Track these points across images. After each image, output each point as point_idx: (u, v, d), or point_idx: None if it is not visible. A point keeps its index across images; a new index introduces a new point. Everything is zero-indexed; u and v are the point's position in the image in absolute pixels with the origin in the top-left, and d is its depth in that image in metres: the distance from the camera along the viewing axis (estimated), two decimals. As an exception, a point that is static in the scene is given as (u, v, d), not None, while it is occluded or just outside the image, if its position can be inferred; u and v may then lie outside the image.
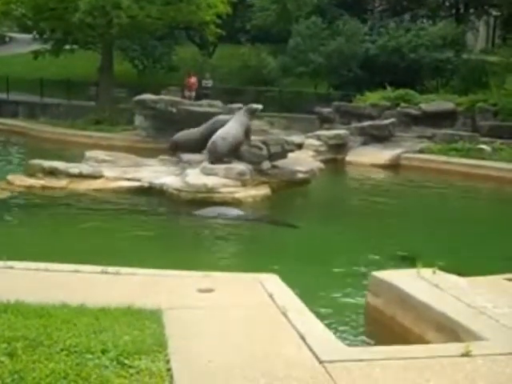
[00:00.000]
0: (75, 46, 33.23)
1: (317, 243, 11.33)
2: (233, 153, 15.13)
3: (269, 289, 6.22)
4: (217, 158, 14.93)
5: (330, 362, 4.55)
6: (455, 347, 4.90)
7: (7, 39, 52.90)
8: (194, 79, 31.40)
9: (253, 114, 16.52)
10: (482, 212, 15.43)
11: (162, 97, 24.07)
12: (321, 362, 4.53)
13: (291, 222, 12.36)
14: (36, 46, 34.57)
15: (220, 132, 15.35)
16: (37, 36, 35.02)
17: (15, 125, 29.38)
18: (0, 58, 44.77)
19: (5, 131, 28.37)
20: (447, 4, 40.41)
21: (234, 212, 13.03)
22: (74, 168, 15.19)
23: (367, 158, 21.57)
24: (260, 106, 16.77)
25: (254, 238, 11.95)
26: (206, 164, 14.88)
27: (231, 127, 15.46)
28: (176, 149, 17.22)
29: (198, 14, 29.48)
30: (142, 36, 33.99)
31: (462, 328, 5.47)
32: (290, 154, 16.93)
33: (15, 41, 52.20)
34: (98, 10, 26.82)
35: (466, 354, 4.71)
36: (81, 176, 14.94)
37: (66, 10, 28.21)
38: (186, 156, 16.31)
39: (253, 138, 16.32)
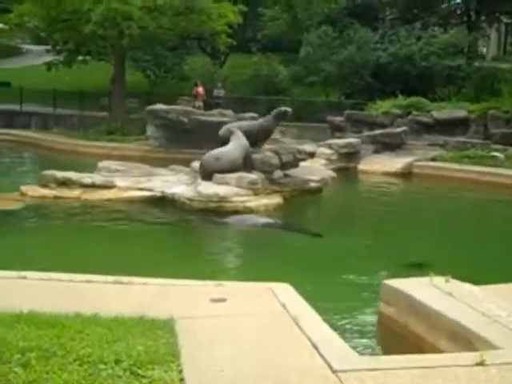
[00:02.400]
0: (88, 57, 33.56)
1: (333, 251, 11.31)
2: (227, 173, 14.87)
3: (281, 298, 6.20)
4: (207, 174, 14.90)
5: (344, 371, 4.52)
6: (469, 356, 4.86)
7: (24, 50, 53.38)
8: (201, 89, 31.52)
9: (281, 117, 16.62)
10: (495, 220, 15.35)
11: (173, 107, 24.20)
12: (334, 372, 4.51)
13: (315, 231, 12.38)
14: (49, 58, 34.90)
15: (216, 151, 15.35)
16: (50, 47, 35.36)
17: (28, 136, 29.60)
18: (14, 69, 45.24)
19: (18, 142, 28.60)
20: (458, 12, 40.30)
21: (262, 220, 13.08)
22: (86, 178, 15.26)
23: (379, 166, 21.52)
24: (289, 109, 16.85)
25: (280, 245, 11.92)
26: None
27: (230, 148, 15.41)
28: None
29: (209, 24, 29.66)
30: (154, 46, 34.21)
31: (476, 336, 5.43)
32: (302, 163, 16.93)
33: (29, 52, 52.74)
34: (109, 21, 27.03)
35: (481, 363, 4.67)
36: (93, 186, 15.00)
37: (79, 22, 28.49)
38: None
39: (264, 147, 16.37)
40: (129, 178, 15.96)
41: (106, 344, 4.64)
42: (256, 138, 16.28)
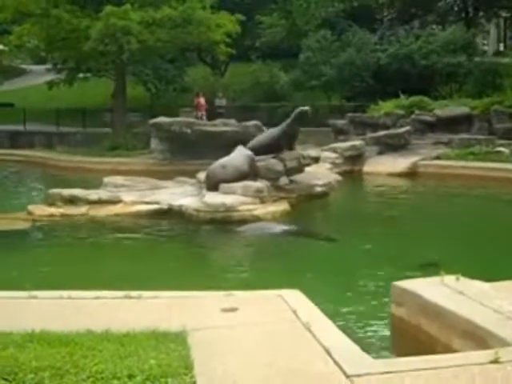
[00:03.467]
0: (88, 74, 33.72)
1: (345, 255, 11.34)
2: (233, 182, 14.89)
3: (292, 304, 6.19)
4: (213, 185, 14.94)
5: (358, 375, 4.49)
6: (484, 354, 4.83)
7: (28, 70, 53.69)
8: (202, 99, 31.60)
9: (302, 118, 16.39)
10: (504, 216, 15.27)
11: (176, 119, 24.27)
12: (348, 377, 4.48)
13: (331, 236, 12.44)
14: (50, 77, 35.09)
15: (222, 160, 15.39)
16: (50, 67, 35.54)
17: (33, 155, 29.72)
18: (16, 90, 45.48)
19: (23, 162, 28.71)
20: (456, 9, 40.36)
21: (278, 228, 13.12)
22: (92, 194, 15.30)
23: (384, 167, 21.51)
24: (307, 108, 16.61)
25: (299, 252, 11.93)
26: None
27: (233, 157, 15.44)
28: None
29: (208, 34, 29.74)
30: (154, 59, 34.34)
31: (490, 334, 5.39)
32: (307, 168, 16.93)
33: (30, 72, 52.98)
34: (108, 37, 27.16)
35: (495, 361, 4.64)
36: (100, 202, 15.03)
37: (78, 39, 28.64)
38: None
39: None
40: (135, 192, 15.99)
41: (119, 359, 4.64)
42: (279, 146, 16.24)
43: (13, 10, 29.60)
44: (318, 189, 16.29)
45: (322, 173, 18.16)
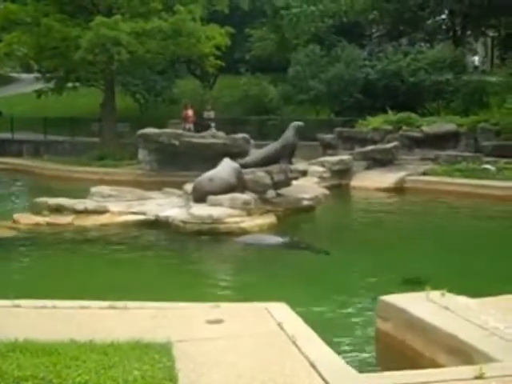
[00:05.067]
0: (77, 84, 33.62)
1: (333, 268, 11.36)
2: (221, 194, 14.90)
3: (277, 317, 6.18)
4: (200, 197, 14.95)
5: (342, 389, 4.50)
6: (468, 370, 4.84)
7: (17, 78, 53.51)
8: (190, 111, 31.63)
9: (299, 131, 16.96)
10: (489, 232, 15.35)
11: (164, 130, 24.22)
12: (333, 390, 4.49)
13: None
14: (39, 85, 34.98)
15: (210, 173, 15.42)
16: (39, 75, 35.44)
17: (20, 164, 29.60)
18: (4, 98, 45.32)
19: (10, 170, 28.57)
20: (444, 27, 40.73)
21: (274, 239, 13.21)
22: (79, 204, 15.24)
23: (372, 182, 21.58)
24: (301, 123, 17.28)
25: (291, 263, 12.02)
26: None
27: (221, 169, 15.47)
28: None
29: (198, 47, 29.78)
30: (143, 70, 34.34)
31: (474, 350, 5.41)
32: (295, 182, 16.96)
33: (19, 81, 52.82)
34: (98, 47, 27.15)
35: (480, 377, 4.65)
36: (86, 212, 14.97)
37: (68, 49, 28.58)
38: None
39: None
40: (122, 203, 15.94)
41: (103, 370, 4.61)
42: (278, 158, 16.51)
43: (2, 17, 29.55)
44: (305, 202, 16.32)
45: (309, 186, 18.17)
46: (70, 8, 30.60)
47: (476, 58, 44.55)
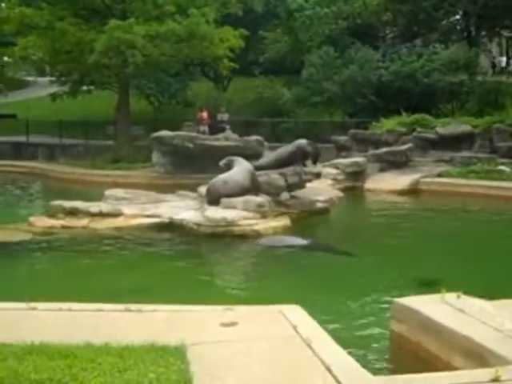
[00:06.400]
0: (92, 87, 33.83)
1: (349, 270, 11.33)
2: (235, 196, 14.87)
3: (292, 320, 6.18)
4: (214, 199, 14.95)
5: (357, 392, 4.49)
6: (484, 373, 4.82)
7: (32, 82, 53.89)
8: (205, 114, 31.69)
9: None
10: (505, 234, 15.24)
11: (178, 133, 24.29)
12: (347, 393, 4.48)
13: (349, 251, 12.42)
14: (54, 89, 35.21)
15: (224, 175, 15.42)
16: (54, 79, 35.66)
17: (35, 167, 29.76)
18: (19, 101, 45.65)
19: (25, 173, 28.75)
20: (458, 28, 40.54)
21: (297, 241, 13.17)
22: (93, 207, 15.28)
23: (386, 184, 21.50)
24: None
25: (315, 266, 11.94)
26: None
27: (235, 172, 15.48)
28: None
29: (212, 49, 29.84)
30: (157, 73, 34.46)
31: (490, 352, 5.38)
32: (309, 184, 16.94)
33: (34, 84, 53.21)
34: (112, 50, 27.29)
35: (496, 380, 4.63)
36: (101, 215, 15.01)
37: (82, 52, 28.74)
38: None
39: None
40: (136, 206, 15.99)
41: (118, 373, 4.63)
42: (292, 161, 16.50)
43: (17, 22, 29.76)
44: (319, 204, 16.29)
45: (323, 189, 18.14)
46: (84, 12, 30.82)
47: (504, 59, 44.31)
